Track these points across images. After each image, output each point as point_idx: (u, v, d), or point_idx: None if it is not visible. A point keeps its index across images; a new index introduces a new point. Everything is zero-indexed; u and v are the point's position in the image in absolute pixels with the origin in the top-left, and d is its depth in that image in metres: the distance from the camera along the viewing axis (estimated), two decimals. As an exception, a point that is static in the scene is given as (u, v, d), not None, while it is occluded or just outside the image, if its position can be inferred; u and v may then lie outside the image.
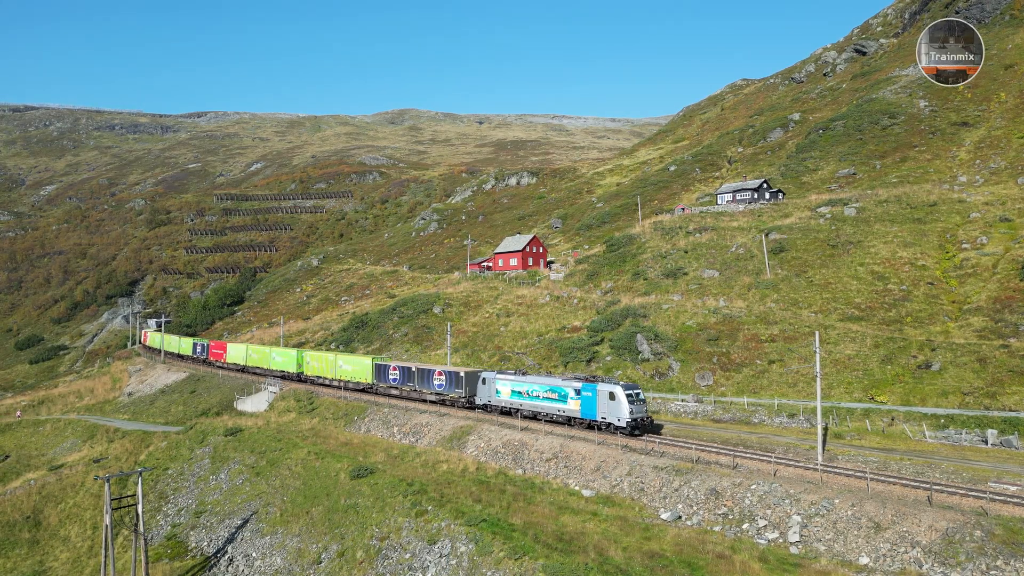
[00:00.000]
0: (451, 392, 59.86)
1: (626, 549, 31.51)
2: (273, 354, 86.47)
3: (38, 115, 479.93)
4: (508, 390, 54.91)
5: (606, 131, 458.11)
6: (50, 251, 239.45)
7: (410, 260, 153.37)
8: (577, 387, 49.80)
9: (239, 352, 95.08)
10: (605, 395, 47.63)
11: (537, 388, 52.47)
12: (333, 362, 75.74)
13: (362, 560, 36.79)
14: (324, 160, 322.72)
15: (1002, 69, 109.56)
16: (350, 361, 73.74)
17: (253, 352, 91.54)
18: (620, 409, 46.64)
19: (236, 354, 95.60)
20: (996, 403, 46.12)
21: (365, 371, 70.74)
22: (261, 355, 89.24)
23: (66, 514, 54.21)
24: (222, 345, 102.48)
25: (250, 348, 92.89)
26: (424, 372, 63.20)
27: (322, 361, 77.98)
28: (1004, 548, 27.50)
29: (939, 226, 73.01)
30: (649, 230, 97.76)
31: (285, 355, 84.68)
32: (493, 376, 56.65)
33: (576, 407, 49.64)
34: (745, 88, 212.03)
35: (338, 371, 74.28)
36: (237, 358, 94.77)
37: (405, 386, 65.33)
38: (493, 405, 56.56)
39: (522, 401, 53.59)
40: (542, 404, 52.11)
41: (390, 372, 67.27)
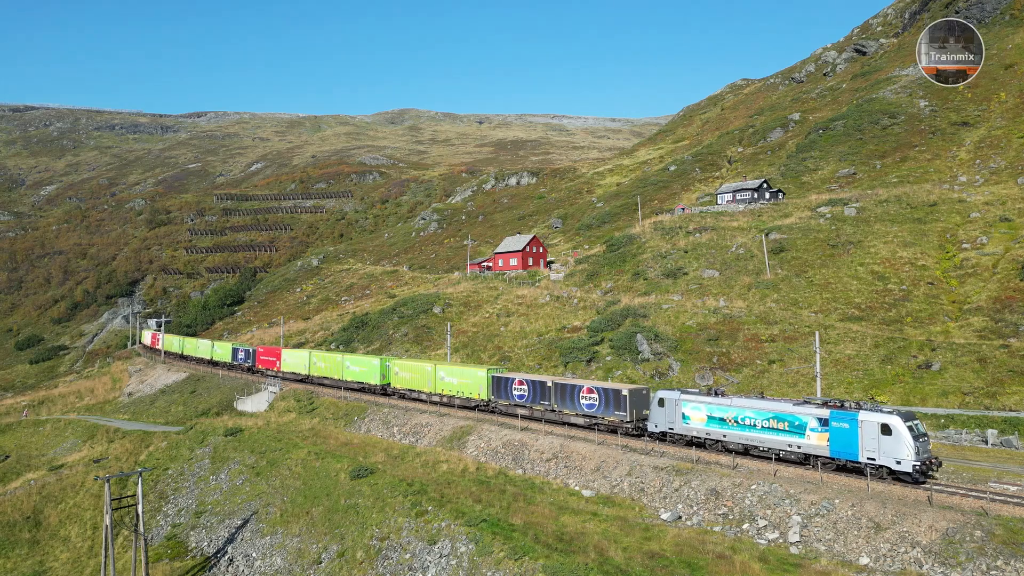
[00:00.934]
0: (607, 414, 48.11)
1: (626, 549, 31.50)
2: (347, 362, 73.41)
3: (38, 115, 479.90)
4: (702, 415, 42.96)
5: (606, 131, 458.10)
6: (50, 251, 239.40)
7: (410, 260, 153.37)
8: (823, 415, 37.75)
9: (299, 359, 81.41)
10: (874, 427, 35.67)
11: (753, 415, 40.54)
12: (431, 373, 62.79)
13: (362, 560, 36.80)
14: (324, 160, 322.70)
15: (1002, 69, 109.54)
16: (455, 372, 60.87)
17: (319, 360, 78.07)
18: (899, 447, 34.78)
19: (295, 362, 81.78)
20: (996, 403, 46.12)
21: (477, 385, 58.27)
22: (330, 364, 75.93)
23: (66, 514, 54.20)
24: (274, 351, 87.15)
25: (315, 355, 79.21)
26: (566, 388, 51.31)
27: (415, 372, 64.99)
28: (1004, 548, 27.50)
29: (939, 226, 73.00)
30: (649, 230, 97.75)
31: (364, 364, 71.34)
32: (676, 396, 44.41)
33: (821, 442, 37.67)
34: (745, 88, 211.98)
35: (438, 384, 61.80)
36: (296, 366, 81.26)
37: (537, 404, 53.22)
38: (676, 434, 44.33)
39: (726, 431, 41.63)
40: (762, 436, 39.96)
41: (514, 387, 55.19)
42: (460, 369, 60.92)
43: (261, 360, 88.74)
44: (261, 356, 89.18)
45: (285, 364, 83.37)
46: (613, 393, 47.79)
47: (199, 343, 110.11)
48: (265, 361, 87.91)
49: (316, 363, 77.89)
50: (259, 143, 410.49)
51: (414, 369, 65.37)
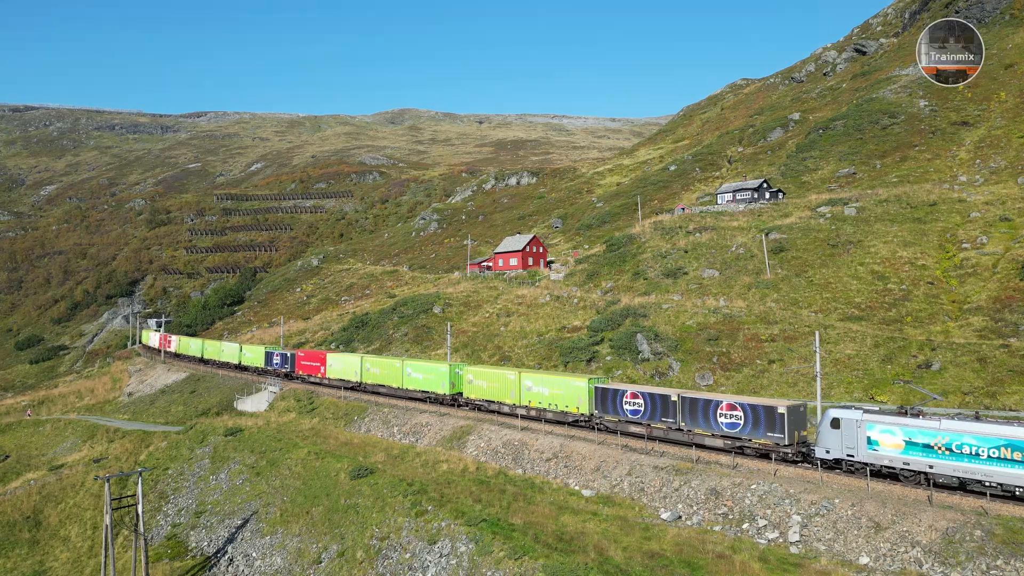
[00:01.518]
0: (757, 436, 40.52)
1: (626, 549, 31.51)
2: (407, 369, 65.35)
3: (38, 115, 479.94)
4: (897, 440, 35.46)
5: (606, 131, 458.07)
6: (50, 251, 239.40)
7: (410, 260, 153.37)
8: None
9: (348, 365, 73.05)
10: None
11: (975, 441, 32.90)
12: (514, 383, 54.71)
13: (362, 560, 36.80)
14: (324, 160, 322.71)
15: (1002, 69, 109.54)
16: (547, 382, 52.73)
17: (374, 365, 69.63)
18: None
19: (344, 367, 73.78)
20: (996, 403, 46.12)
21: (575, 397, 50.22)
22: (387, 370, 67.58)
23: (66, 514, 54.21)
24: (317, 356, 78.58)
25: (368, 360, 70.79)
26: (697, 404, 43.36)
27: (494, 380, 56.54)
28: (1004, 548, 27.50)
29: (939, 226, 73.00)
30: (649, 230, 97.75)
31: (429, 371, 62.96)
32: (857, 417, 36.92)
33: None
34: (745, 88, 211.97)
35: (524, 395, 53.71)
36: (345, 372, 73.40)
37: (656, 422, 45.29)
38: (858, 462, 36.75)
39: (933, 460, 34.13)
40: (990, 469, 32.40)
41: (625, 401, 47.07)
42: (553, 378, 52.64)
43: (302, 365, 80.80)
44: (302, 361, 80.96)
45: (331, 370, 75.35)
46: (764, 411, 40.11)
47: (223, 346, 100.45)
48: (307, 367, 79.93)
49: (370, 369, 70.14)
50: (259, 143, 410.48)
51: (493, 377, 56.88)
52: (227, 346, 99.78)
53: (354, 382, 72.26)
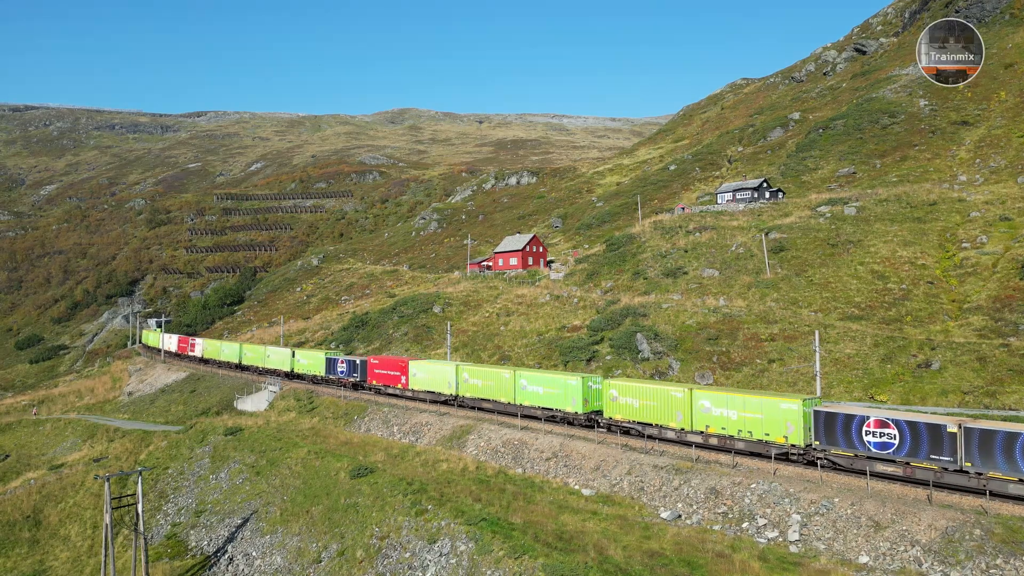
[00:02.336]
0: None
1: (626, 548, 31.52)
2: (522, 381, 53.60)
3: (38, 115, 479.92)
4: None
5: (606, 130, 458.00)
6: (50, 251, 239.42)
7: (410, 260, 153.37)
8: None
9: (439, 375, 61.51)
10: None
11: None
12: (683, 401, 43.01)
13: (362, 559, 36.81)
14: (324, 160, 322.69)
15: (1002, 68, 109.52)
16: (732, 402, 41.20)
17: (475, 376, 58.29)
18: None
19: (431, 378, 62.29)
20: (996, 402, 46.13)
21: (782, 423, 39.09)
22: (494, 382, 56.02)
23: (66, 513, 54.23)
24: (396, 363, 66.86)
25: (466, 369, 59.08)
26: (994, 439, 31.73)
27: (651, 398, 45.04)
28: (1004, 547, 27.51)
29: (939, 225, 73.00)
30: (649, 229, 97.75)
31: (553, 384, 51.55)
32: None
33: None
34: (745, 87, 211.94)
35: (697, 417, 42.56)
36: (434, 383, 61.91)
37: (919, 460, 34.20)
38: None
39: None
40: None
41: (865, 430, 36.05)
42: (745, 398, 40.86)
43: (376, 374, 69.57)
44: (376, 369, 69.68)
45: (416, 380, 64.20)
46: None
47: (268, 351, 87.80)
48: (383, 376, 68.61)
49: (469, 380, 58.64)
50: (259, 143, 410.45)
51: (648, 394, 45.31)
52: (274, 351, 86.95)
53: (446, 395, 60.81)
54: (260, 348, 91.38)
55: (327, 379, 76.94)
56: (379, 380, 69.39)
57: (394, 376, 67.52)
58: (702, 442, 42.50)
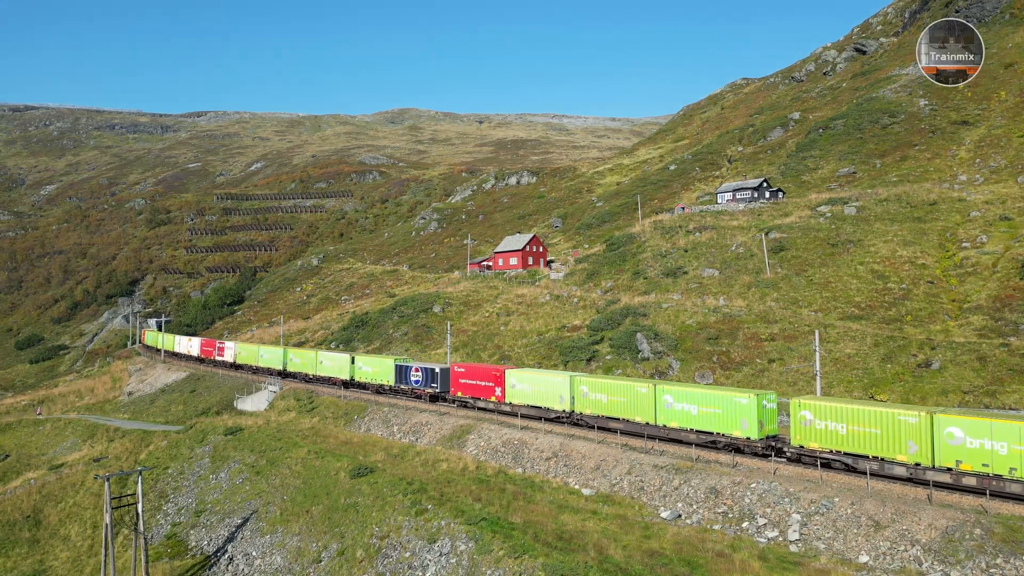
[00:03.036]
0: None
1: (626, 548, 31.51)
2: (667, 397, 44.38)
3: (38, 115, 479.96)
4: None
5: (606, 130, 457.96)
6: (50, 251, 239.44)
7: (410, 259, 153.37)
8: None
9: (549, 388, 51.78)
10: None
11: None
12: (918, 428, 34.48)
13: (362, 559, 36.80)
14: (324, 160, 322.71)
15: (1002, 68, 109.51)
16: (996, 431, 32.18)
17: (596, 389, 48.47)
18: None
19: (538, 391, 52.57)
20: (996, 402, 46.13)
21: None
22: (626, 396, 46.73)
23: (66, 513, 54.22)
24: (488, 372, 57.26)
25: (583, 381, 49.55)
26: None
27: (865, 422, 36.35)
28: (1004, 546, 27.51)
29: (939, 225, 73.00)
30: (649, 229, 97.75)
31: (715, 402, 42.11)
32: None
33: None
34: (745, 87, 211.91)
35: (944, 450, 33.58)
36: (541, 398, 52.21)
37: None
38: None
39: None
40: None
41: None
42: (1008, 426, 31.93)
43: (461, 385, 59.61)
44: (462, 379, 59.66)
45: (515, 393, 54.47)
46: None
47: (321, 356, 78.28)
48: (472, 387, 58.52)
49: (590, 394, 48.80)
50: (259, 143, 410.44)
51: (859, 417, 36.57)
52: (330, 357, 77.15)
53: (556, 411, 51.04)
54: (310, 353, 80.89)
55: (396, 389, 67.29)
56: (466, 392, 59.48)
57: (486, 388, 57.24)
58: (954, 481, 33.50)
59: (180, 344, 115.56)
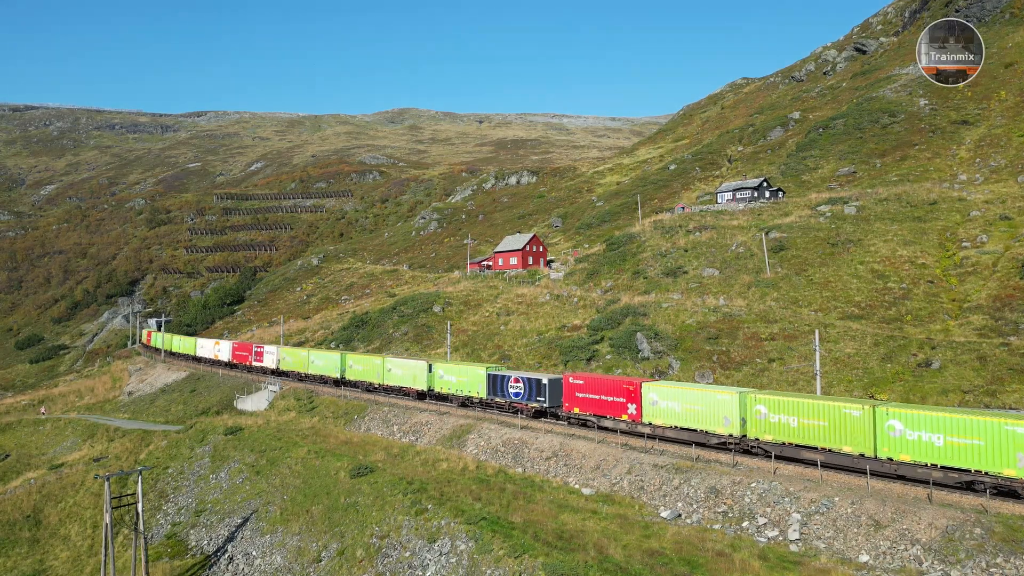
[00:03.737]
0: None
1: (626, 547, 31.50)
2: (892, 424, 35.07)
3: (38, 115, 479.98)
4: None
5: (606, 130, 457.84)
6: (50, 251, 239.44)
7: (410, 259, 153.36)
8: None
9: (710, 406, 42.45)
10: None
11: None
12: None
13: (362, 559, 36.80)
14: (324, 159, 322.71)
15: (1002, 67, 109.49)
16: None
17: (777, 408, 39.67)
18: None
19: (694, 409, 43.17)
20: (996, 401, 46.10)
21: None
22: (825, 420, 37.44)
23: (66, 513, 54.22)
24: (618, 385, 47.29)
25: (761, 400, 40.66)
26: None
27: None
28: (1004, 546, 27.50)
29: (939, 224, 72.98)
30: (649, 229, 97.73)
31: (984, 433, 32.40)
32: None
33: None
34: (745, 87, 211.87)
35: None
36: (699, 419, 42.87)
37: None
38: None
39: None
40: None
41: None
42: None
43: (579, 400, 49.27)
44: (580, 392, 49.29)
45: (656, 412, 45.03)
46: None
47: (388, 363, 68.26)
48: (593, 403, 48.14)
49: (769, 416, 39.89)
50: (259, 142, 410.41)
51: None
52: (399, 364, 67.31)
53: (720, 435, 41.76)
54: (375, 359, 70.69)
55: (488, 403, 57.31)
56: (585, 407, 49.26)
57: (613, 404, 47.14)
58: None
59: (203, 348, 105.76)
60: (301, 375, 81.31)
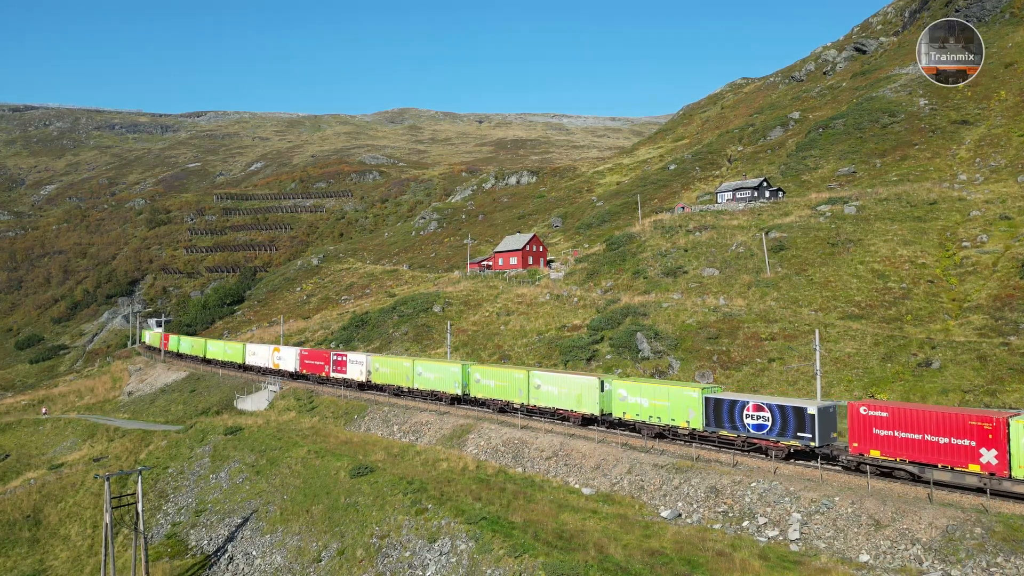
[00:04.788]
0: None
1: (626, 547, 31.49)
2: None
3: (38, 115, 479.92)
4: None
5: (606, 130, 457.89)
6: (50, 251, 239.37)
7: (410, 259, 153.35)
8: None
9: None
10: None
11: None
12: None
13: (362, 558, 36.78)
14: (324, 159, 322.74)
15: (1002, 67, 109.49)
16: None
17: None
18: None
19: None
20: (996, 401, 46.09)
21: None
22: None
23: (66, 513, 54.21)
24: (959, 421, 33.05)
25: None
26: None
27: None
28: (1004, 545, 27.49)
29: (939, 224, 72.97)
30: (649, 229, 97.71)
31: None
32: None
33: None
34: (745, 87, 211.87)
35: None
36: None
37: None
38: None
39: None
40: None
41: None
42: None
43: (880, 437, 35.85)
44: (882, 428, 35.78)
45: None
46: None
47: (537, 377, 53.06)
48: (909, 445, 34.88)
49: None
50: (259, 143, 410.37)
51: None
52: (555, 380, 51.86)
53: None
54: (515, 373, 55.15)
55: (704, 436, 43.63)
56: (894, 451, 35.53)
57: (952, 448, 33.50)
58: None
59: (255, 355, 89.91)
60: (401, 390, 66.49)
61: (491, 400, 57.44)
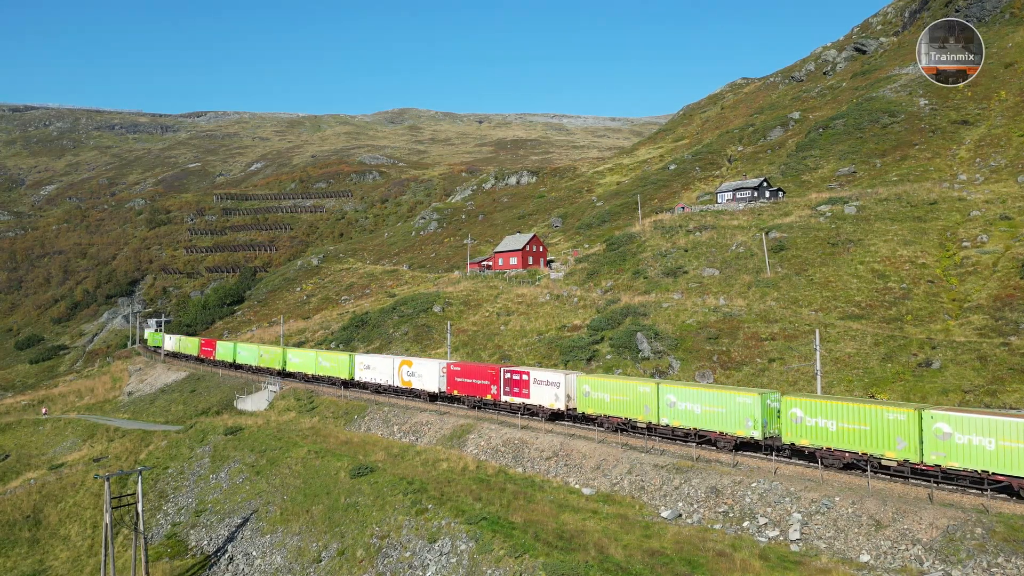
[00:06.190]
0: None
1: (626, 547, 31.47)
2: None
3: (38, 115, 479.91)
4: None
5: (606, 130, 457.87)
6: (50, 251, 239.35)
7: (410, 259, 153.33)
8: None
9: None
10: None
11: None
12: None
13: (362, 559, 36.76)
14: (324, 160, 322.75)
15: (1002, 67, 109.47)
16: None
17: None
18: None
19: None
20: (996, 401, 46.06)
21: None
22: None
23: (66, 513, 54.19)
24: None
25: None
26: None
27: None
28: (1005, 545, 27.47)
29: (939, 224, 72.95)
30: (649, 229, 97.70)
31: None
32: None
33: None
34: (745, 87, 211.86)
35: None
36: None
37: None
38: None
39: None
40: None
41: None
42: None
43: None
44: None
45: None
46: None
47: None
48: None
49: None
50: (259, 143, 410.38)
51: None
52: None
53: None
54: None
55: None
56: None
57: None
58: None
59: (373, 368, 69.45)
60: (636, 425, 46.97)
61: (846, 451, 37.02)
